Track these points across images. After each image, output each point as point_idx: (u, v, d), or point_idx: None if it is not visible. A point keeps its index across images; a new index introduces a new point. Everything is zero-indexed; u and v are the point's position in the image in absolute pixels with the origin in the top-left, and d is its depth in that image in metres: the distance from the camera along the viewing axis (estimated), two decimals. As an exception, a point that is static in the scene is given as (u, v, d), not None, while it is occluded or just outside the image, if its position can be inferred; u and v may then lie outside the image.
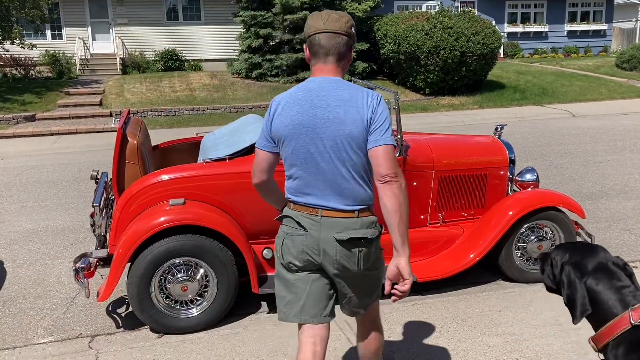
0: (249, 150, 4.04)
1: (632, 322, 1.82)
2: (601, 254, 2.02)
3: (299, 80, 16.95)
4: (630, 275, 1.99)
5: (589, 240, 4.52)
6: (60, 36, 19.43)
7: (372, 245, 2.36)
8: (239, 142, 4.13)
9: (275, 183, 2.52)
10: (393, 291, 2.30)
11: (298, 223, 2.36)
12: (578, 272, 1.97)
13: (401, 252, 2.24)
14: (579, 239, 4.58)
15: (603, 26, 25.35)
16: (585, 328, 3.63)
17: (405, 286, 2.26)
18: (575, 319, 1.95)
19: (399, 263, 2.24)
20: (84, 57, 19.18)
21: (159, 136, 8.79)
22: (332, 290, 2.45)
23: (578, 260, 2.00)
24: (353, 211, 2.32)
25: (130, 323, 4.01)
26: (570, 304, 1.97)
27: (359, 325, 2.66)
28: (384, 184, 2.20)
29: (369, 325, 2.63)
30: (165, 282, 3.78)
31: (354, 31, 2.36)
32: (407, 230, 2.24)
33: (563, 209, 4.45)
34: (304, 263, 2.36)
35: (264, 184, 2.47)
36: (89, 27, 19.64)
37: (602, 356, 1.95)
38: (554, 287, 2.08)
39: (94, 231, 4.21)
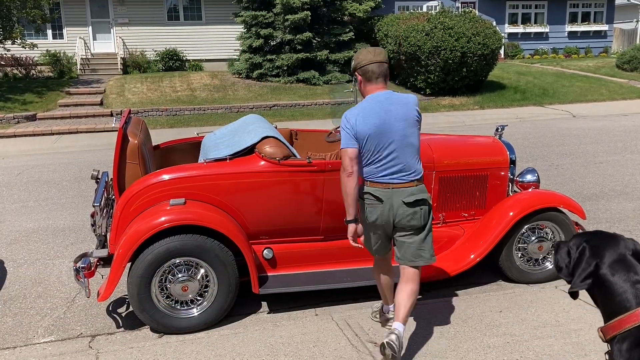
0: (250, 150, 4.04)
1: None
2: (622, 243, 1.99)
3: (299, 81, 16.98)
4: None
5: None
6: (61, 36, 19.43)
7: (428, 204, 3.30)
8: (239, 143, 4.13)
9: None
10: None
11: (375, 197, 3.25)
12: (594, 254, 1.97)
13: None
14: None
15: (604, 27, 25.34)
16: (585, 330, 3.64)
17: None
18: (573, 286, 1.99)
19: None
20: (84, 56, 19.18)
21: (159, 136, 8.79)
22: (391, 242, 3.46)
23: (597, 244, 1.99)
24: (414, 181, 3.25)
25: (131, 323, 4.01)
26: (575, 268, 1.99)
27: (402, 276, 3.38)
28: None
29: (410, 278, 3.34)
30: (165, 282, 3.78)
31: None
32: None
33: (564, 210, 4.45)
34: (380, 223, 3.29)
35: (356, 173, 3.21)
36: (90, 27, 19.64)
37: (608, 347, 1.96)
38: (565, 267, 2.06)
39: (94, 231, 4.21)
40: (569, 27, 24.89)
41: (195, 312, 3.85)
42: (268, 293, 3.97)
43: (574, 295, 2.07)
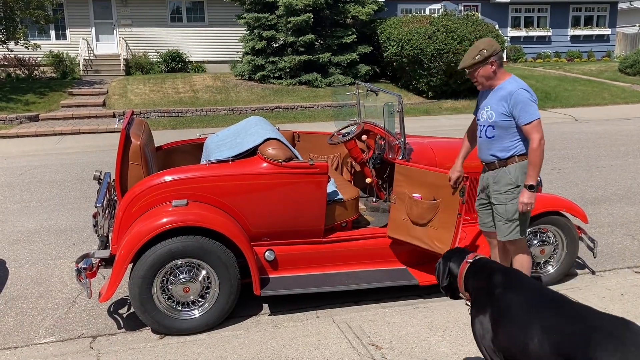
0: (252, 152, 4.05)
1: (467, 260, 2.86)
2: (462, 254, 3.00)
3: (301, 83, 16.99)
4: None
5: (592, 245, 4.52)
6: (64, 37, 19.48)
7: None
8: (242, 144, 4.13)
9: None
10: None
11: None
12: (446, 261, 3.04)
13: None
14: (581, 243, 4.57)
15: (606, 31, 25.33)
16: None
17: None
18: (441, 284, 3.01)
19: None
20: (87, 57, 19.23)
21: (161, 137, 8.80)
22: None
23: (447, 256, 3.05)
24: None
25: (132, 324, 4.01)
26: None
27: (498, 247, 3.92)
28: None
29: (501, 252, 3.91)
30: (167, 283, 3.78)
31: None
32: None
33: (566, 214, 4.44)
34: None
35: None
36: (93, 28, 19.69)
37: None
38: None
39: (96, 232, 4.21)
40: (571, 31, 24.89)
41: (196, 313, 3.85)
42: (269, 295, 3.96)
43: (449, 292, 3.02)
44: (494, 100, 3.67)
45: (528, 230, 4.32)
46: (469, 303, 2.83)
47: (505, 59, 22.04)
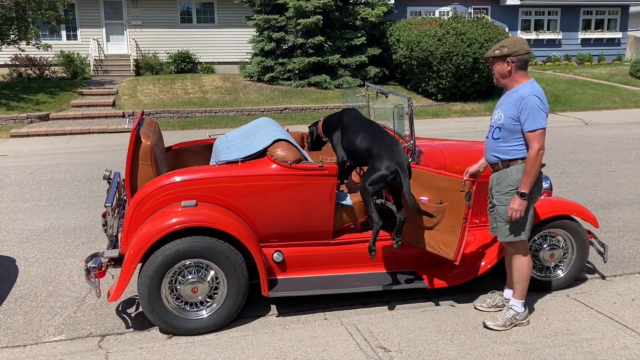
0: (262, 153, 4.05)
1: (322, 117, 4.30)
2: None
3: (310, 85, 17.01)
4: None
5: (602, 250, 4.48)
6: (75, 37, 19.61)
7: None
8: (251, 145, 4.13)
9: None
10: None
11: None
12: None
13: None
14: (591, 248, 4.54)
15: (617, 34, 25.18)
16: (597, 339, 3.60)
17: None
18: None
19: None
20: (98, 58, 19.34)
21: (171, 137, 8.83)
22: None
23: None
24: None
25: (140, 323, 4.02)
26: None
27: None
28: None
29: (506, 256, 3.93)
30: (175, 283, 3.79)
31: None
32: None
33: (576, 218, 4.41)
34: None
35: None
36: (104, 29, 19.81)
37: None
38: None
39: (105, 231, 4.23)
40: (582, 34, 24.76)
41: (204, 313, 3.85)
42: (277, 296, 3.96)
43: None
44: (506, 103, 3.66)
45: (538, 234, 4.30)
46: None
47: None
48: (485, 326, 3.81)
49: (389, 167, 3.80)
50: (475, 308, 4.11)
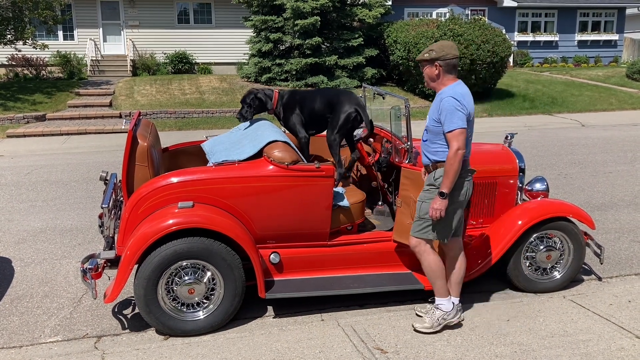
0: (258, 154, 4.05)
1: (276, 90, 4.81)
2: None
3: (307, 85, 17.00)
4: None
5: (598, 251, 4.49)
6: (71, 37, 19.58)
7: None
8: (249, 147, 4.13)
9: None
10: None
11: (472, 174, 3.76)
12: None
13: None
14: (588, 250, 4.55)
15: (614, 36, 25.26)
16: (594, 340, 3.60)
17: None
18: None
19: None
20: (94, 58, 19.31)
21: (167, 138, 8.82)
22: None
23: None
24: None
25: (137, 324, 4.01)
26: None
27: (460, 250, 3.93)
28: None
29: (446, 258, 3.93)
30: (172, 284, 3.78)
31: None
32: None
33: (573, 219, 4.42)
34: (469, 199, 3.85)
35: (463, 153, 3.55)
36: (101, 29, 19.78)
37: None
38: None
39: (102, 232, 4.22)
40: (578, 36, 24.83)
41: (201, 315, 3.85)
42: (274, 297, 3.96)
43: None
44: (433, 105, 3.73)
45: (535, 235, 4.31)
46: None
47: (512, 64, 22.01)
48: (415, 329, 3.80)
49: (350, 108, 4.56)
50: (416, 315, 4.05)
